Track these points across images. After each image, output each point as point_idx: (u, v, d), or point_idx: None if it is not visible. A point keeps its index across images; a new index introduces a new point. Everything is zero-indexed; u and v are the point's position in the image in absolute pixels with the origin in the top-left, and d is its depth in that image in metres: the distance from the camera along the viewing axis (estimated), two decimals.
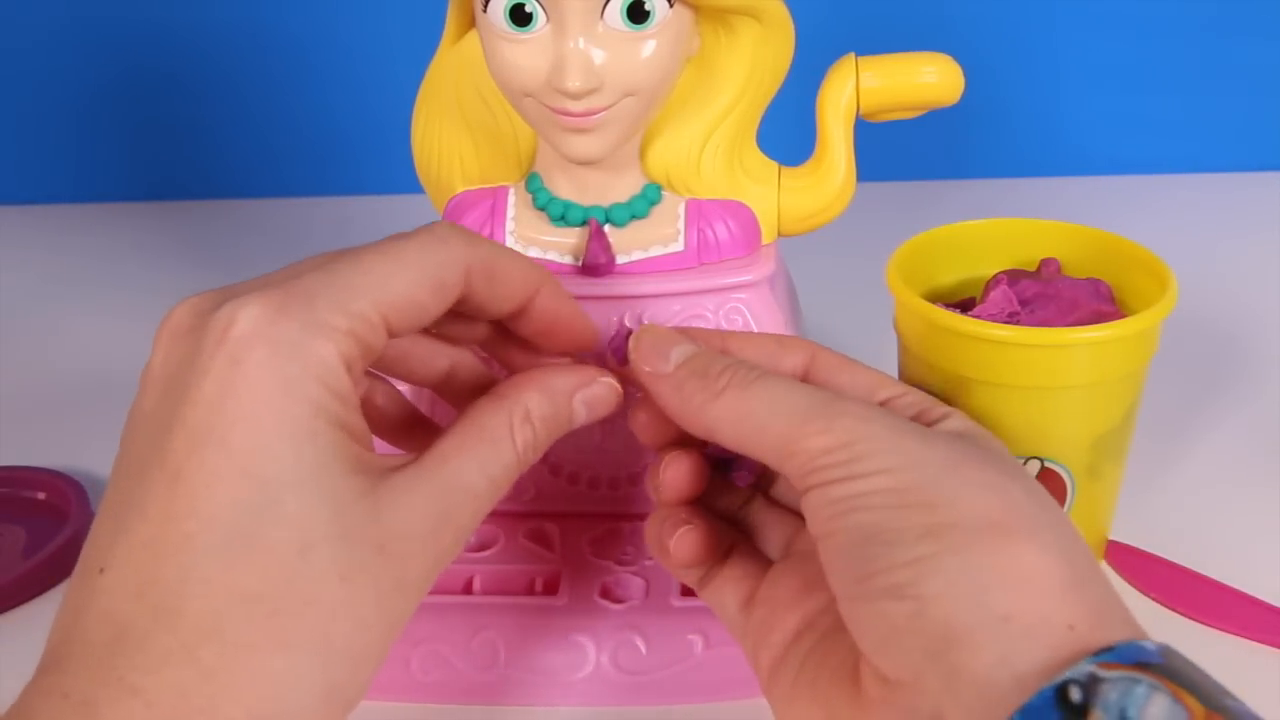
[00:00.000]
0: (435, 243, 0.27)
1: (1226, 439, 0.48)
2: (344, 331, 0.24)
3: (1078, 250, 0.40)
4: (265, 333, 0.24)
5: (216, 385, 0.24)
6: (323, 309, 0.24)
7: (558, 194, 0.36)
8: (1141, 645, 0.22)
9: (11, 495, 0.47)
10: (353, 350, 0.25)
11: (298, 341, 0.24)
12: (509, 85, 0.33)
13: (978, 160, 0.76)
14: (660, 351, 0.30)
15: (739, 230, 0.36)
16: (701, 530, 0.31)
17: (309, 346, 0.24)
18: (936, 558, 0.24)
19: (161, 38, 0.75)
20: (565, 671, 0.35)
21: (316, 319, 0.24)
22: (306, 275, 0.25)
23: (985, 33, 0.72)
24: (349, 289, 0.25)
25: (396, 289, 0.26)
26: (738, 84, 0.35)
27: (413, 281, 0.26)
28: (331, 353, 0.24)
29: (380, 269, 0.26)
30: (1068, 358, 0.35)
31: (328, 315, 0.24)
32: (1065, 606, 0.23)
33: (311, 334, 0.24)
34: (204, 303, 0.25)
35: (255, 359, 0.24)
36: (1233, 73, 0.73)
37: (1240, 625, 0.38)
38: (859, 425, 0.26)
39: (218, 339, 0.24)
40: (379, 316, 0.25)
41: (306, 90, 0.76)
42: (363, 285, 0.25)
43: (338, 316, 0.24)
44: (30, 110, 0.77)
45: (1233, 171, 0.75)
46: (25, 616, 0.41)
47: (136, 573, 0.23)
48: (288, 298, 0.24)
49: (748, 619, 0.30)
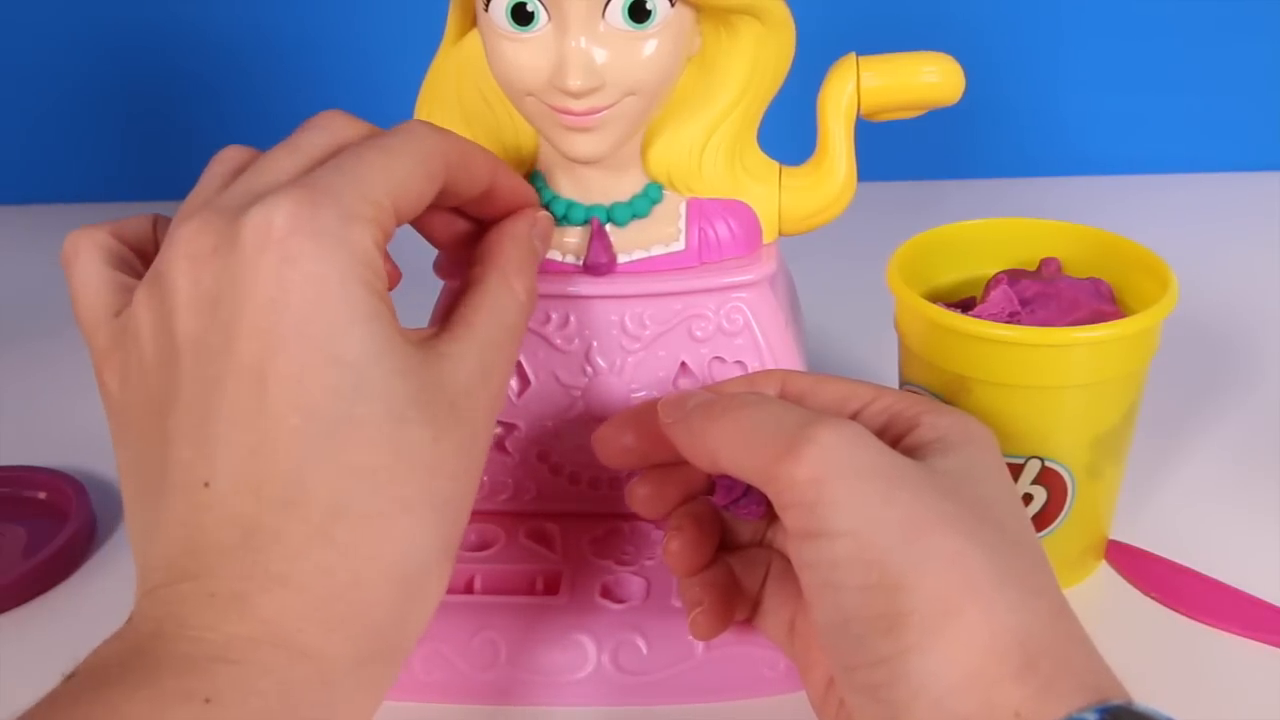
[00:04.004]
0: (419, 136, 0.28)
1: (1226, 439, 0.48)
2: (370, 219, 0.26)
3: (1078, 250, 0.40)
4: (307, 227, 0.25)
5: (275, 285, 0.24)
6: (350, 199, 0.26)
7: (559, 193, 0.36)
8: (1080, 719, 0.23)
9: (11, 495, 0.47)
10: (380, 236, 0.26)
11: (339, 232, 0.25)
12: (510, 85, 0.33)
13: (978, 160, 0.76)
14: (679, 402, 0.31)
15: (740, 230, 0.36)
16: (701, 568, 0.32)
17: (350, 235, 0.25)
18: (902, 658, 0.24)
19: (162, 38, 0.75)
20: (566, 671, 0.35)
21: (348, 209, 0.25)
22: (315, 174, 0.26)
23: (986, 32, 0.72)
24: (365, 181, 0.26)
25: (399, 178, 0.27)
26: (739, 83, 0.35)
27: (410, 171, 0.27)
28: (368, 239, 0.26)
29: (382, 162, 0.27)
30: (1068, 357, 0.35)
31: (356, 204, 0.26)
32: (1013, 693, 0.24)
33: (349, 223, 0.25)
34: (215, 218, 0.26)
35: (307, 253, 0.25)
36: (1233, 73, 0.73)
37: (1240, 625, 0.38)
38: (826, 457, 0.26)
39: (260, 243, 0.25)
40: (390, 204, 0.27)
41: (307, 90, 0.76)
42: (373, 178, 0.26)
43: (364, 205, 0.26)
44: (30, 110, 0.77)
45: (1233, 171, 0.75)
46: (25, 616, 0.41)
47: (250, 474, 0.24)
48: (315, 193, 0.25)
49: (793, 645, 0.32)
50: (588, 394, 0.37)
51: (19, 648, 0.40)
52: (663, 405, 0.31)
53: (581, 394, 0.37)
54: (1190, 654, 0.37)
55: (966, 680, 0.24)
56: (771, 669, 0.36)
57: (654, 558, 0.38)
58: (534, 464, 0.39)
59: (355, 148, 0.27)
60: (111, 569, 0.44)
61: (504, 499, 0.39)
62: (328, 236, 0.25)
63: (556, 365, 0.37)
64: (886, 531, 0.25)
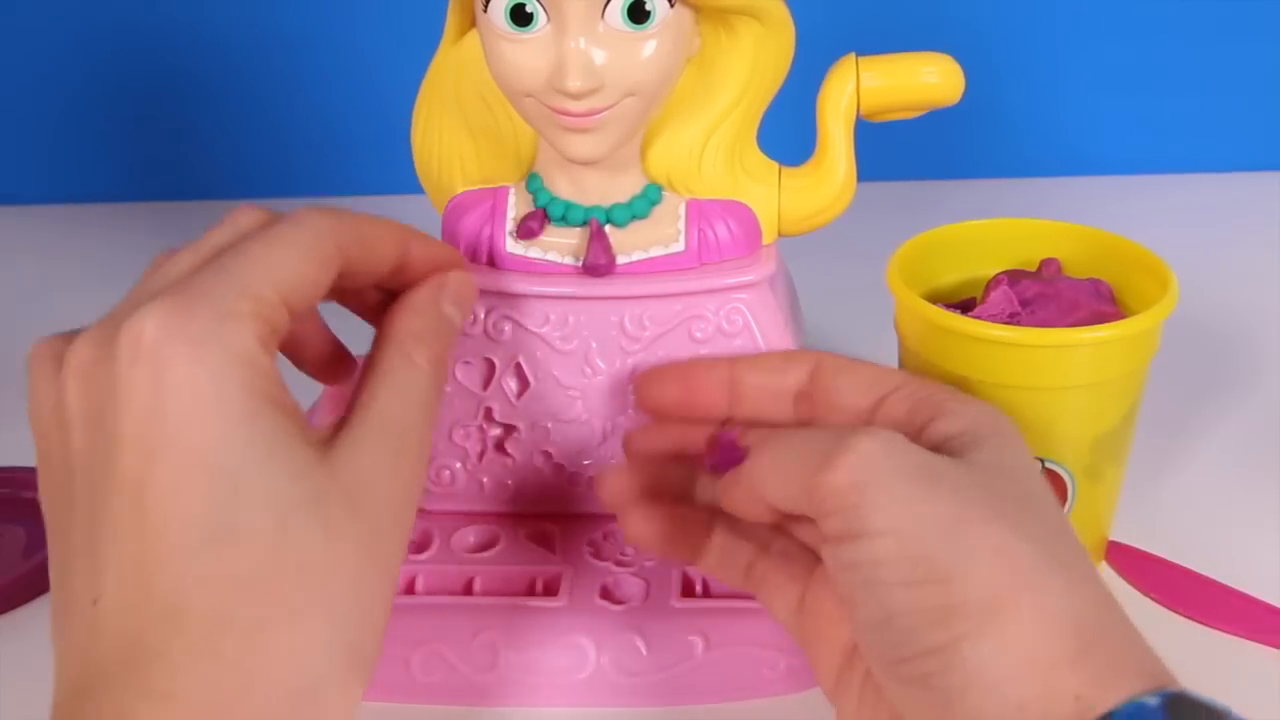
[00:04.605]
0: (305, 223, 0.27)
1: (1226, 439, 0.48)
2: (252, 315, 0.25)
3: (1078, 250, 0.40)
4: (180, 333, 0.24)
5: (150, 395, 0.24)
6: (227, 298, 0.25)
7: (558, 194, 0.36)
8: (1143, 703, 0.23)
9: (11, 495, 0.47)
10: (264, 330, 0.25)
11: (213, 332, 0.24)
12: (510, 85, 0.33)
13: (978, 160, 0.76)
14: None
15: (739, 230, 0.36)
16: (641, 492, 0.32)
17: (225, 335, 0.25)
18: (955, 647, 0.24)
19: (161, 38, 0.75)
20: (565, 673, 0.35)
21: (224, 308, 0.25)
22: (195, 275, 0.26)
23: (986, 33, 0.72)
24: (245, 276, 0.26)
25: (285, 269, 0.26)
26: (738, 84, 0.35)
27: (298, 259, 0.27)
28: (247, 336, 0.25)
29: (265, 254, 0.26)
30: (1068, 358, 0.35)
31: (233, 303, 0.25)
32: (1070, 678, 0.24)
33: (224, 323, 0.25)
34: (99, 332, 0.26)
35: (179, 359, 0.24)
36: (1233, 73, 0.73)
37: (1240, 625, 0.38)
38: (865, 463, 0.26)
39: (133, 354, 0.24)
40: (278, 296, 0.26)
41: (307, 90, 0.76)
42: (255, 271, 0.26)
43: (242, 302, 0.25)
44: (29, 110, 0.77)
45: (1233, 171, 0.75)
46: (25, 616, 0.41)
47: (133, 590, 0.24)
48: (188, 297, 0.25)
49: (801, 625, 0.31)
50: (587, 395, 0.37)
51: (19, 648, 0.40)
52: None
53: (581, 395, 0.37)
54: (1190, 655, 0.37)
55: (1023, 666, 0.24)
56: (771, 669, 0.36)
57: (653, 559, 0.38)
58: (534, 465, 0.39)
59: (240, 243, 0.27)
60: None
61: (503, 500, 0.39)
62: (201, 340, 0.24)
63: (556, 366, 0.37)
64: (930, 528, 0.25)
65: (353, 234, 0.28)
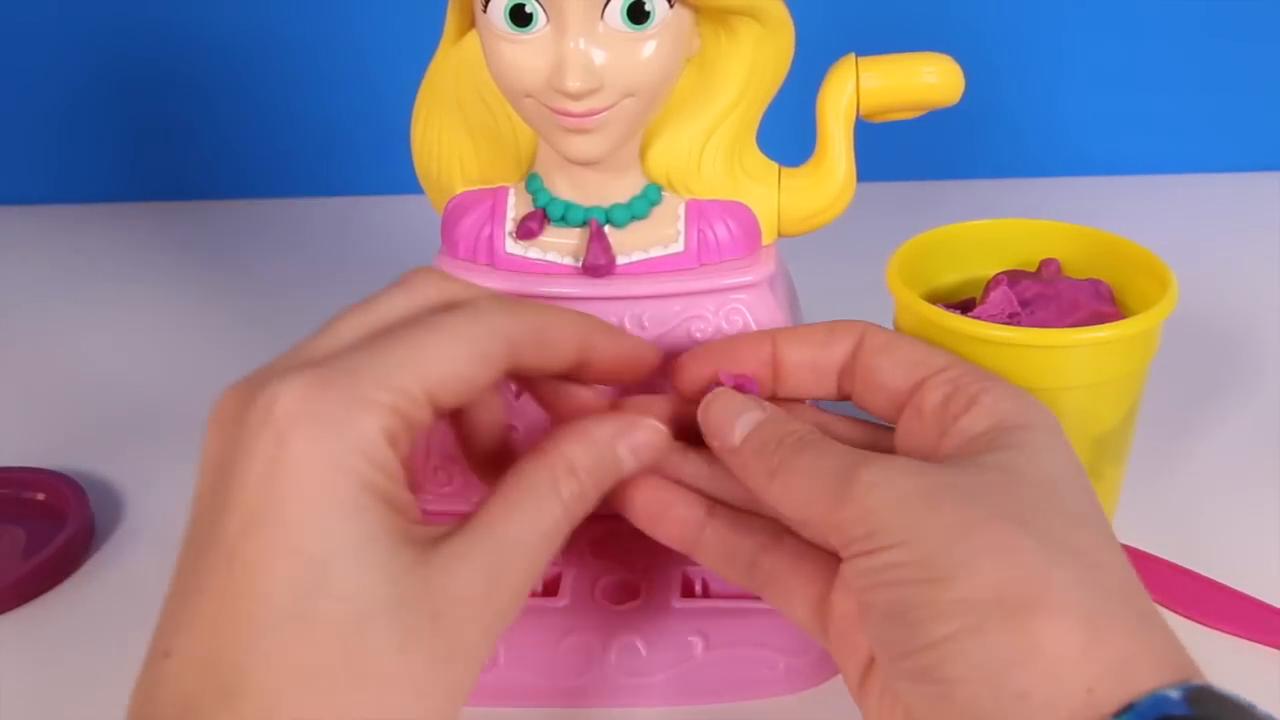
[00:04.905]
0: (476, 314, 0.27)
1: (1227, 439, 0.48)
2: (387, 406, 0.25)
3: (1078, 250, 0.40)
4: (308, 410, 0.24)
5: (264, 465, 0.24)
6: (365, 384, 0.25)
7: (558, 194, 0.36)
8: (1164, 696, 0.22)
9: (11, 496, 0.47)
10: (396, 424, 0.25)
11: (340, 417, 0.24)
12: (509, 86, 0.33)
13: (978, 160, 0.76)
14: (727, 423, 0.30)
15: (739, 231, 0.36)
16: None
17: (352, 422, 0.24)
18: (955, 640, 0.24)
19: (161, 38, 0.75)
20: (566, 673, 0.35)
21: (359, 394, 0.25)
22: (349, 352, 0.26)
23: (985, 33, 0.72)
24: (391, 364, 0.25)
25: (438, 363, 0.26)
26: (738, 85, 0.35)
27: (454, 355, 0.26)
28: (374, 427, 0.25)
29: (422, 344, 0.26)
30: (1068, 359, 0.35)
31: (370, 390, 0.25)
32: (1081, 670, 0.23)
33: (354, 409, 0.24)
34: (247, 387, 0.25)
35: (300, 437, 0.24)
36: (1233, 73, 0.73)
37: (1240, 625, 0.38)
38: (873, 492, 0.27)
39: (262, 420, 0.24)
40: (422, 391, 0.25)
41: (306, 90, 0.76)
42: (405, 360, 0.26)
43: (380, 391, 0.25)
44: (29, 110, 0.77)
45: (1233, 171, 0.75)
46: (25, 617, 0.41)
47: (200, 653, 0.23)
48: (330, 374, 0.25)
49: (825, 628, 0.30)
50: None
51: (18, 649, 0.40)
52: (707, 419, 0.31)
53: None
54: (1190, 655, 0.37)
55: (1024, 656, 0.23)
56: (771, 669, 0.36)
57: (654, 559, 0.38)
58: None
59: (401, 327, 0.26)
60: (110, 571, 0.44)
61: None
62: (325, 422, 0.24)
63: None
64: (934, 535, 0.25)
65: (529, 332, 0.28)
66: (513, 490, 0.27)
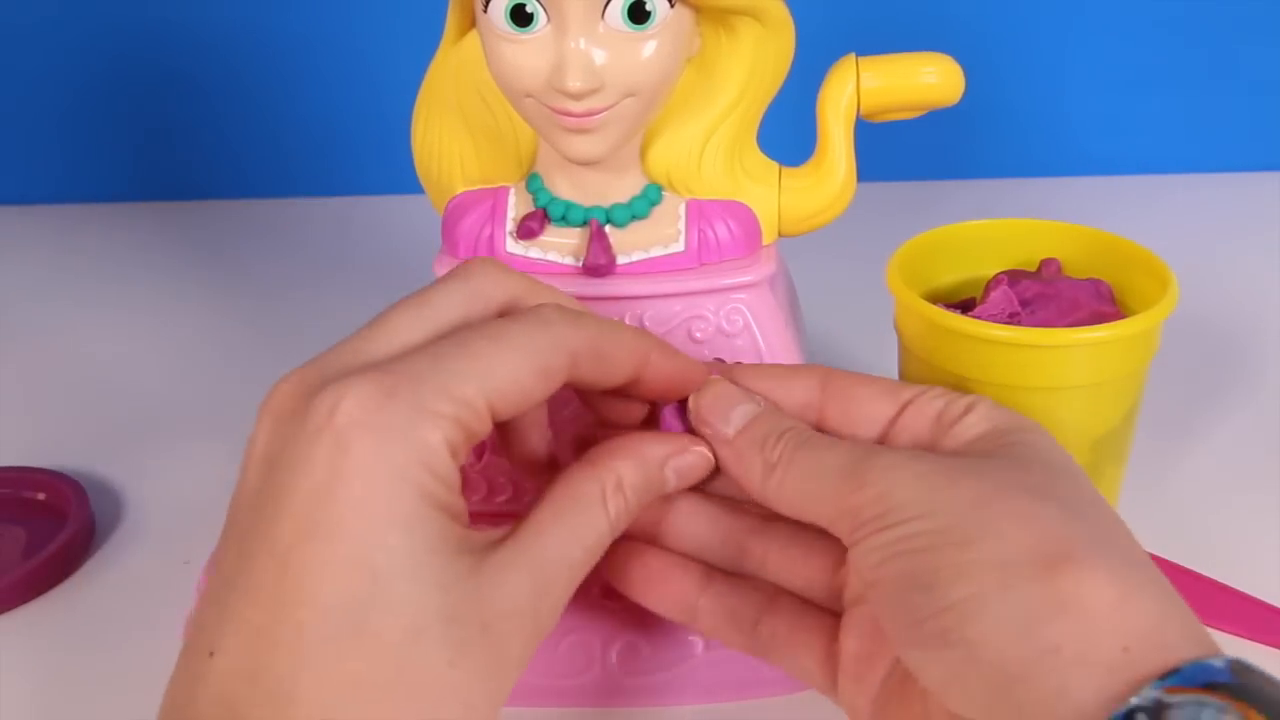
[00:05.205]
0: (541, 326, 0.27)
1: (1227, 439, 0.48)
2: (449, 417, 0.24)
3: (1078, 250, 0.40)
4: (372, 419, 0.24)
5: (323, 472, 0.23)
6: (429, 395, 0.24)
7: (558, 194, 0.36)
8: (1209, 664, 0.22)
9: (11, 495, 0.47)
10: (457, 436, 0.25)
11: (405, 428, 0.24)
12: (509, 86, 0.33)
13: (978, 160, 0.76)
14: (721, 413, 0.30)
15: (739, 231, 0.36)
16: None
17: (416, 433, 0.24)
18: (976, 598, 0.24)
19: (162, 38, 0.75)
20: (567, 673, 0.35)
21: (423, 405, 0.24)
22: (411, 356, 0.25)
23: (986, 33, 0.72)
24: (455, 374, 0.25)
25: (501, 374, 0.26)
26: (738, 84, 0.35)
27: (517, 367, 0.26)
28: (438, 439, 0.24)
29: (485, 354, 0.26)
30: (1068, 358, 0.35)
31: (434, 401, 0.24)
32: (1115, 627, 0.23)
33: (418, 420, 0.24)
34: (305, 382, 0.25)
35: (362, 446, 0.23)
36: (1233, 73, 0.73)
37: (1241, 625, 0.38)
38: (889, 474, 0.26)
39: (322, 424, 0.24)
40: (484, 402, 0.25)
41: (307, 90, 0.76)
42: (468, 371, 0.25)
43: (444, 402, 0.24)
44: (30, 110, 0.77)
45: (1233, 171, 0.75)
46: (25, 617, 0.41)
47: (249, 658, 0.23)
48: (396, 382, 0.24)
49: (834, 675, 0.30)
50: None
51: (19, 648, 0.40)
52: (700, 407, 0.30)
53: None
54: None
55: (1055, 612, 0.23)
56: (771, 669, 0.36)
57: None
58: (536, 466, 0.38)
59: (465, 333, 0.26)
60: (110, 570, 0.44)
61: (503, 500, 0.39)
62: (389, 432, 0.24)
63: None
64: (954, 505, 0.25)
65: (590, 345, 0.27)
66: (562, 499, 0.27)
